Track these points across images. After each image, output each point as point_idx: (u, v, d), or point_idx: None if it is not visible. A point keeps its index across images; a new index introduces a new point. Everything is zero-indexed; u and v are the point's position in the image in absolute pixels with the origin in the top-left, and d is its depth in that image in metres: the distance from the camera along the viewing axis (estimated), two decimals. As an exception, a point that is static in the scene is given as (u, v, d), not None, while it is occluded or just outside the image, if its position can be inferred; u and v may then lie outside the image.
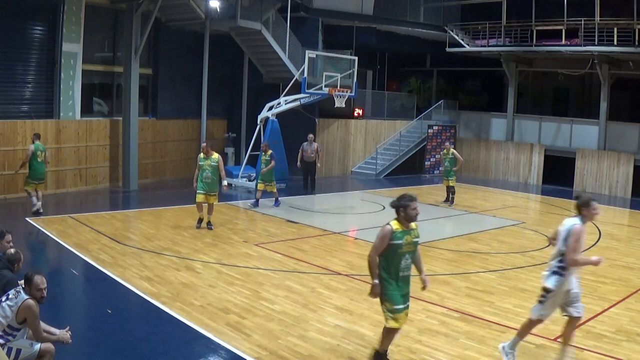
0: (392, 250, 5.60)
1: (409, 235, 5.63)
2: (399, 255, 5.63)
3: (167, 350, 6.16)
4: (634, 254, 11.24)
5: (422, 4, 23.89)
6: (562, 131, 22.20)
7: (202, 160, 11.82)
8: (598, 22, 19.05)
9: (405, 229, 5.63)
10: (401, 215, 5.63)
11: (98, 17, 16.71)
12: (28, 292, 4.91)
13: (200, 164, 11.82)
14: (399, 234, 5.57)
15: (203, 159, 11.83)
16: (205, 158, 11.80)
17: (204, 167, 11.77)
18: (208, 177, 11.69)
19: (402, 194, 5.71)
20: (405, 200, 5.61)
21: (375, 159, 22.33)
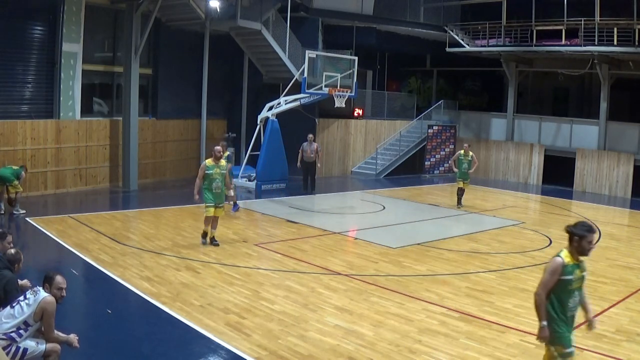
0: (562, 286, 4.97)
1: (578, 269, 5.00)
2: (568, 292, 5.00)
3: (167, 350, 6.17)
4: (634, 254, 11.24)
5: (422, 4, 23.89)
6: (562, 131, 22.19)
7: (211, 168, 10.30)
8: (598, 22, 19.05)
9: (576, 262, 5.00)
10: (573, 245, 5.00)
11: (98, 17, 16.71)
12: (48, 290, 5.03)
13: (209, 173, 10.27)
14: (569, 268, 4.93)
15: (212, 166, 10.31)
16: (215, 165, 10.33)
17: (213, 176, 10.28)
18: (218, 187, 10.33)
19: (580, 222, 5.06)
20: (583, 230, 4.98)
21: (375, 159, 22.33)
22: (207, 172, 10.27)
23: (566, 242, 5.07)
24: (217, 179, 10.31)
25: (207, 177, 10.29)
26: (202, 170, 10.34)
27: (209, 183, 10.28)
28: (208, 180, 10.28)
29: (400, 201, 16.97)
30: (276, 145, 17.29)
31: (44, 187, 15.10)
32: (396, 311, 7.53)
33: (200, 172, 10.37)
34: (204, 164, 10.42)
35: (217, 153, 10.36)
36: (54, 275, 5.12)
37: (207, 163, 10.36)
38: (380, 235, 12.04)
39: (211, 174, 10.27)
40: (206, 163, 10.38)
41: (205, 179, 10.31)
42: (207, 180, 10.29)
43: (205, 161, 10.48)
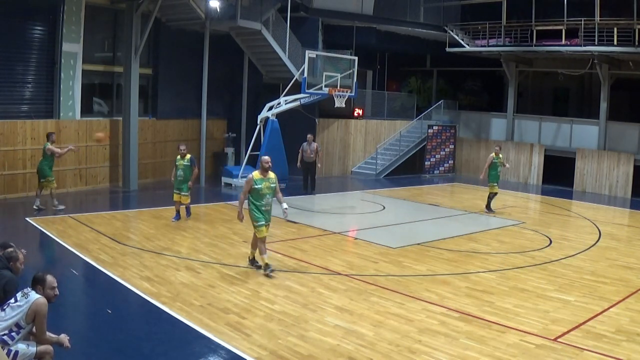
0: None
1: None
2: None
3: (167, 350, 6.17)
4: (634, 254, 11.24)
5: (422, 4, 23.89)
6: (562, 131, 22.19)
7: (259, 182, 8.90)
8: (598, 22, 19.05)
9: None
10: None
11: (98, 17, 16.71)
12: (41, 291, 5.00)
13: (257, 188, 8.88)
14: None
15: (260, 180, 8.92)
16: (263, 178, 8.95)
17: (262, 192, 8.89)
18: (269, 204, 9.01)
19: None
20: None
21: (375, 159, 22.33)
22: (255, 187, 8.89)
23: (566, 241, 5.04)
24: (267, 195, 8.95)
25: (254, 193, 8.92)
26: (249, 184, 8.93)
27: (258, 199, 8.91)
28: (256, 197, 8.91)
29: (400, 201, 16.97)
30: (276, 145, 17.27)
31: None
32: (396, 311, 7.53)
33: (246, 186, 8.97)
34: (251, 177, 8.96)
35: (265, 164, 8.96)
36: (44, 275, 5.08)
37: (255, 176, 8.95)
38: (380, 235, 12.04)
39: (260, 189, 8.88)
40: (253, 176, 8.95)
41: (252, 195, 8.97)
42: (254, 196, 8.93)
43: (252, 174, 9.03)
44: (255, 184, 8.91)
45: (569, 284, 9.01)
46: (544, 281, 9.10)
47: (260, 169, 9.08)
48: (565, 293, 8.54)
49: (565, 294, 8.50)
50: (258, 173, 9.02)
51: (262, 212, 8.93)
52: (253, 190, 8.93)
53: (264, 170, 8.99)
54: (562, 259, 10.60)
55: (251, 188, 8.95)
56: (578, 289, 8.75)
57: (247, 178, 9.07)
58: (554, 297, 8.31)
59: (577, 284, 9.01)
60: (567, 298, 8.28)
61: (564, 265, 10.21)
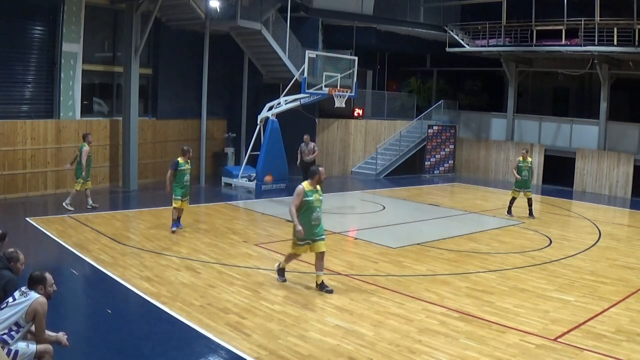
0: None
1: None
2: None
3: (167, 350, 6.17)
4: (634, 254, 11.24)
5: (422, 4, 23.89)
6: (562, 131, 22.19)
7: (310, 194, 8.13)
8: (598, 22, 19.05)
9: None
10: None
11: (98, 17, 16.72)
12: (43, 290, 5.03)
13: (308, 200, 8.08)
14: None
15: (311, 192, 8.15)
16: (314, 190, 8.19)
17: (313, 204, 8.13)
18: (318, 219, 8.23)
19: None
20: None
21: (375, 159, 22.33)
22: (306, 199, 8.09)
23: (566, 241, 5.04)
24: (318, 208, 8.17)
25: (305, 206, 8.08)
26: (300, 197, 8.06)
27: (308, 213, 8.07)
28: (307, 210, 8.07)
29: (400, 201, 16.97)
30: (276, 145, 17.28)
31: (44, 187, 15.10)
32: (396, 311, 7.53)
33: (297, 199, 8.06)
34: (302, 188, 8.10)
35: (322, 175, 8.23)
36: (44, 274, 5.11)
37: (306, 187, 8.12)
38: (380, 235, 12.04)
39: (311, 201, 8.07)
40: (304, 188, 8.11)
41: (302, 208, 8.09)
42: (305, 209, 8.08)
43: (302, 185, 8.16)
44: (306, 195, 8.08)
45: (569, 284, 9.01)
46: (544, 281, 9.10)
47: (310, 179, 8.19)
48: (565, 293, 8.54)
49: (565, 294, 8.50)
50: (308, 184, 8.17)
51: (311, 227, 8.08)
52: (304, 203, 8.09)
53: (318, 182, 8.21)
54: (562, 259, 10.60)
55: (302, 201, 8.08)
56: (578, 289, 8.75)
57: (297, 190, 8.12)
58: (554, 297, 8.31)
59: (577, 284, 9.01)
60: (567, 298, 8.28)
61: (564, 265, 10.21)
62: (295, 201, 8.12)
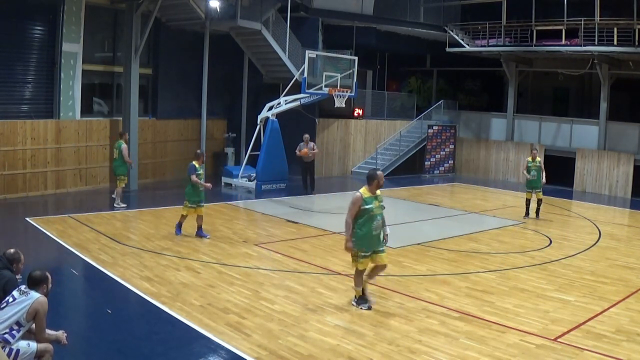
0: None
1: None
2: None
3: (167, 350, 6.17)
4: (634, 254, 11.24)
5: (422, 4, 23.89)
6: (562, 131, 22.19)
7: (370, 201, 7.32)
8: (598, 22, 19.05)
9: None
10: None
11: (98, 17, 16.72)
12: (45, 290, 5.06)
13: (367, 208, 7.28)
14: None
15: (370, 199, 7.34)
16: (373, 197, 7.39)
17: (373, 212, 7.32)
18: (379, 227, 7.43)
19: None
20: None
21: (375, 159, 22.32)
22: (365, 207, 7.29)
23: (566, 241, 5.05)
24: (378, 216, 7.39)
25: (365, 215, 7.29)
26: (357, 205, 7.26)
27: (369, 223, 7.28)
28: (368, 220, 7.28)
29: (400, 201, 16.97)
30: (276, 145, 17.29)
31: (44, 187, 15.10)
32: (396, 311, 7.53)
33: (354, 208, 7.26)
34: (359, 195, 7.29)
35: (381, 180, 7.43)
36: (45, 273, 5.14)
37: (363, 194, 7.31)
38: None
39: (370, 209, 7.28)
40: (362, 195, 7.30)
41: (362, 217, 7.31)
42: (365, 219, 7.29)
43: (360, 192, 7.34)
44: (365, 203, 7.25)
45: (569, 284, 9.01)
46: (544, 281, 9.10)
47: (370, 185, 7.38)
48: (565, 293, 8.54)
49: (565, 294, 8.50)
50: (367, 190, 7.35)
51: (371, 239, 7.35)
52: (361, 211, 7.28)
53: (378, 187, 7.42)
54: (562, 259, 10.60)
55: (359, 209, 7.30)
56: (578, 289, 8.75)
57: (354, 197, 7.29)
58: (554, 297, 8.31)
59: (577, 284, 9.01)
60: (567, 298, 8.28)
61: (564, 265, 10.20)
62: (351, 211, 7.26)
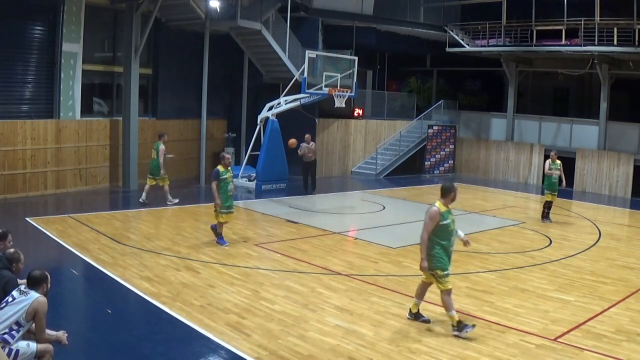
0: None
1: None
2: None
3: (167, 350, 6.17)
4: (634, 254, 11.24)
5: (422, 4, 23.89)
6: (562, 131, 22.19)
7: (447, 215, 6.80)
8: (598, 22, 19.05)
9: None
10: None
11: (98, 17, 16.71)
12: (45, 289, 5.07)
13: (446, 223, 6.75)
14: None
15: (447, 212, 6.81)
16: (448, 210, 6.86)
17: (450, 227, 6.84)
18: (453, 243, 7.00)
19: None
20: None
21: (375, 159, 22.32)
22: (443, 223, 6.73)
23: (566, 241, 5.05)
24: (454, 230, 6.94)
25: (440, 231, 6.76)
26: (435, 221, 6.71)
27: (444, 238, 6.78)
28: (442, 235, 6.77)
29: (400, 201, 16.97)
30: (276, 145, 17.29)
31: (44, 187, 15.10)
32: (396, 311, 7.53)
33: (432, 223, 6.72)
34: (436, 210, 6.74)
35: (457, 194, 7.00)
36: (45, 273, 5.16)
37: (441, 208, 6.76)
38: (380, 235, 12.04)
39: (448, 224, 6.78)
40: (439, 209, 6.75)
41: (437, 233, 6.76)
42: (440, 234, 6.76)
43: (436, 206, 6.79)
44: (443, 218, 6.72)
45: (569, 284, 9.01)
46: (544, 281, 9.10)
47: (445, 198, 6.87)
48: (565, 293, 8.54)
49: (565, 294, 8.50)
50: (442, 204, 6.82)
51: (449, 256, 6.84)
52: (439, 227, 6.74)
53: (452, 200, 6.93)
54: (562, 259, 10.60)
55: (436, 225, 6.74)
56: (578, 289, 8.75)
57: (431, 212, 6.73)
58: (554, 297, 8.31)
59: (577, 284, 9.01)
60: (567, 298, 8.28)
61: (564, 265, 10.20)
62: (428, 226, 6.70)
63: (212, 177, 10.43)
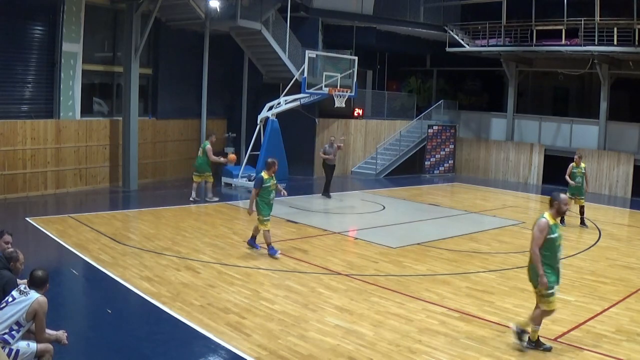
0: None
1: None
2: None
3: (167, 350, 6.17)
4: (634, 254, 11.24)
5: (422, 4, 23.88)
6: (562, 131, 22.19)
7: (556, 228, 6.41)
8: (598, 22, 19.04)
9: None
10: None
11: (98, 17, 16.71)
12: (45, 289, 5.09)
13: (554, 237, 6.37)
14: None
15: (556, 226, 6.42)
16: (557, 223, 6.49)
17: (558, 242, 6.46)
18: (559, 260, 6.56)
19: None
20: None
21: (375, 159, 22.32)
22: (551, 236, 6.30)
23: (566, 241, 5.05)
24: (561, 247, 6.59)
25: (549, 245, 6.33)
26: (544, 234, 6.29)
27: (553, 253, 6.40)
28: (551, 249, 6.36)
29: (400, 201, 16.97)
30: (276, 145, 17.28)
31: (44, 187, 15.10)
32: (396, 311, 7.53)
33: (541, 236, 6.29)
34: (545, 222, 6.33)
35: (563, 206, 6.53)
36: (45, 273, 5.17)
37: (550, 221, 6.36)
38: (380, 235, 12.04)
39: (556, 238, 6.35)
40: (548, 221, 6.34)
41: (546, 248, 6.33)
42: (549, 249, 6.35)
43: (546, 218, 6.38)
44: (551, 232, 6.30)
45: (569, 284, 9.01)
46: (544, 281, 9.09)
47: (551, 208, 6.47)
48: (565, 293, 8.52)
49: (565, 294, 8.49)
50: (551, 216, 6.40)
51: (556, 273, 6.44)
52: (548, 241, 6.31)
53: (559, 213, 6.53)
54: (562, 259, 10.56)
55: (545, 239, 6.29)
56: (578, 289, 8.75)
57: (540, 223, 6.34)
58: (554, 297, 8.30)
59: (577, 284, 9.01)
60: (567, 298, 8.28)
61: (564, 265, 10.13)
62: (538, 240, 6.26)
63: (254, 184, 10.06)
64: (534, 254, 6.33)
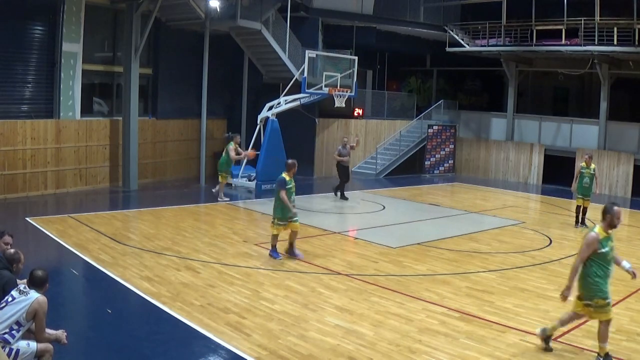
0: None
1: None
2: None
3: (167, 350, 6.17)
4: (634, 254, 11.22)
5: (422, 4, 23.88)
6: (562, 131, 22.19)
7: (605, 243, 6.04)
8: (598, 22, 19.05)
9: None
10: None
11: (98, 17, 16.71)
12: (45, 289, 5.09)
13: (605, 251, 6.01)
14: None
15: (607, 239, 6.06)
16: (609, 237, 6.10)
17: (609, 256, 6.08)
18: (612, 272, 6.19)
19: None
20: None
21: (375, 158, 22.32)
22: (601, 251, 5.97)
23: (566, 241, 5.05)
24: (612, 259, 6.14)
25: (600, 258, 6.01)
26: (592, 248, 5.98)
27: (604, 267, 6.03)
28: (602, 262, 6.02)
29: (400, 201, 16.97)
30: (276, 145, 17.28)
31: (44, 187, 15.10)
32: (396, 311, 7.53)
33: (588, 250, 6.00)
34: (595, 236, 6.01)
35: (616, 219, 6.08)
36: (45, 273, 5.18)
37: (600, 234, 6.01)
38: (380, 235, 12.04)
39: (607, 253, 6.03)
40: (598, 235, 6.00)
41: (595, 260, 6.01)
42: (599, 262, 6.01)
43: (596, 230, 6.06)
44: (601, 246, 5.96)
45: (569, 283, 9.00)
46: (544, 281, 9.10)
47: (603, 221, 6.10)
48: (565, 293, 8.52)
49: (565, 293, 8.49)
50: (602, 229, 6.05)
51: (608, 286, 6.07)
52: (597, 255, 5.99)
53: (611, 226, 6.06)
54: (562, 259, 10.60)
55: (593, 253, 6.00)
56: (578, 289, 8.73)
57: (588, 238, 6.00)
58: (554, 297, 8.29)
59: (578, 284, 8.99)
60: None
61: (564, 265, 10.19)
62: (583, 253, 5.99)
63: (278, 186, 9.77)
64: (573, 266, 6.14)
